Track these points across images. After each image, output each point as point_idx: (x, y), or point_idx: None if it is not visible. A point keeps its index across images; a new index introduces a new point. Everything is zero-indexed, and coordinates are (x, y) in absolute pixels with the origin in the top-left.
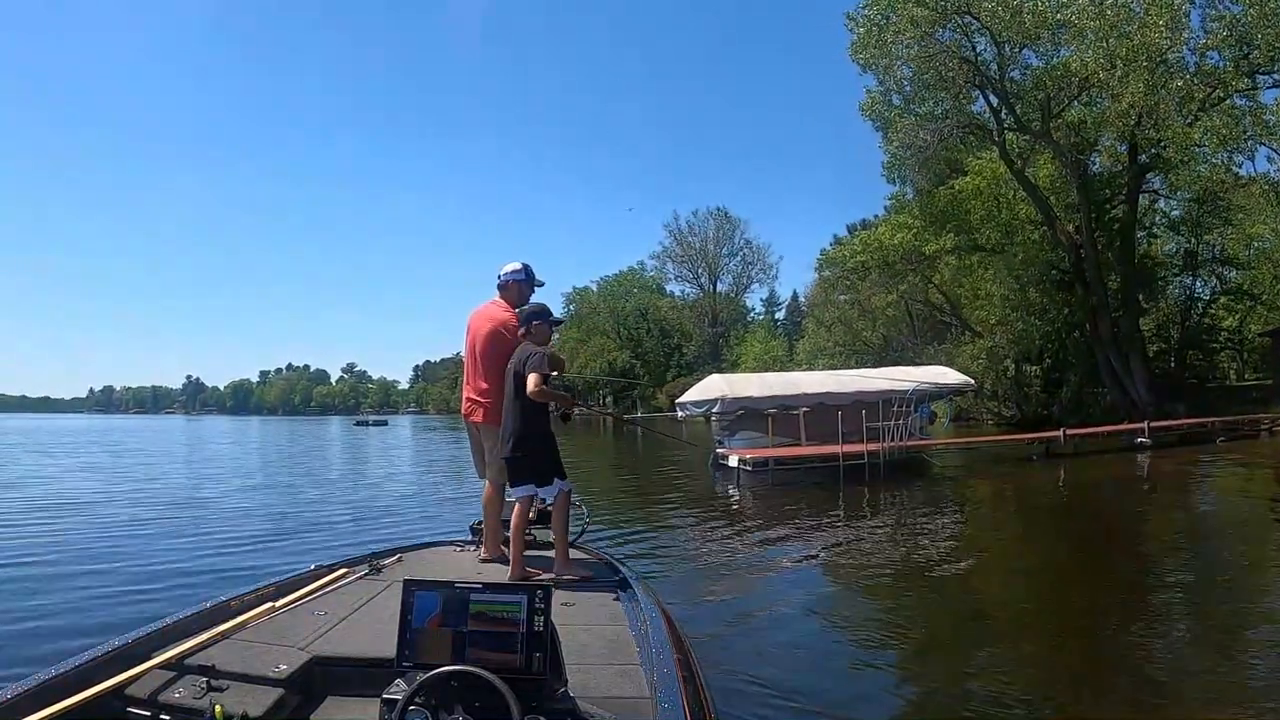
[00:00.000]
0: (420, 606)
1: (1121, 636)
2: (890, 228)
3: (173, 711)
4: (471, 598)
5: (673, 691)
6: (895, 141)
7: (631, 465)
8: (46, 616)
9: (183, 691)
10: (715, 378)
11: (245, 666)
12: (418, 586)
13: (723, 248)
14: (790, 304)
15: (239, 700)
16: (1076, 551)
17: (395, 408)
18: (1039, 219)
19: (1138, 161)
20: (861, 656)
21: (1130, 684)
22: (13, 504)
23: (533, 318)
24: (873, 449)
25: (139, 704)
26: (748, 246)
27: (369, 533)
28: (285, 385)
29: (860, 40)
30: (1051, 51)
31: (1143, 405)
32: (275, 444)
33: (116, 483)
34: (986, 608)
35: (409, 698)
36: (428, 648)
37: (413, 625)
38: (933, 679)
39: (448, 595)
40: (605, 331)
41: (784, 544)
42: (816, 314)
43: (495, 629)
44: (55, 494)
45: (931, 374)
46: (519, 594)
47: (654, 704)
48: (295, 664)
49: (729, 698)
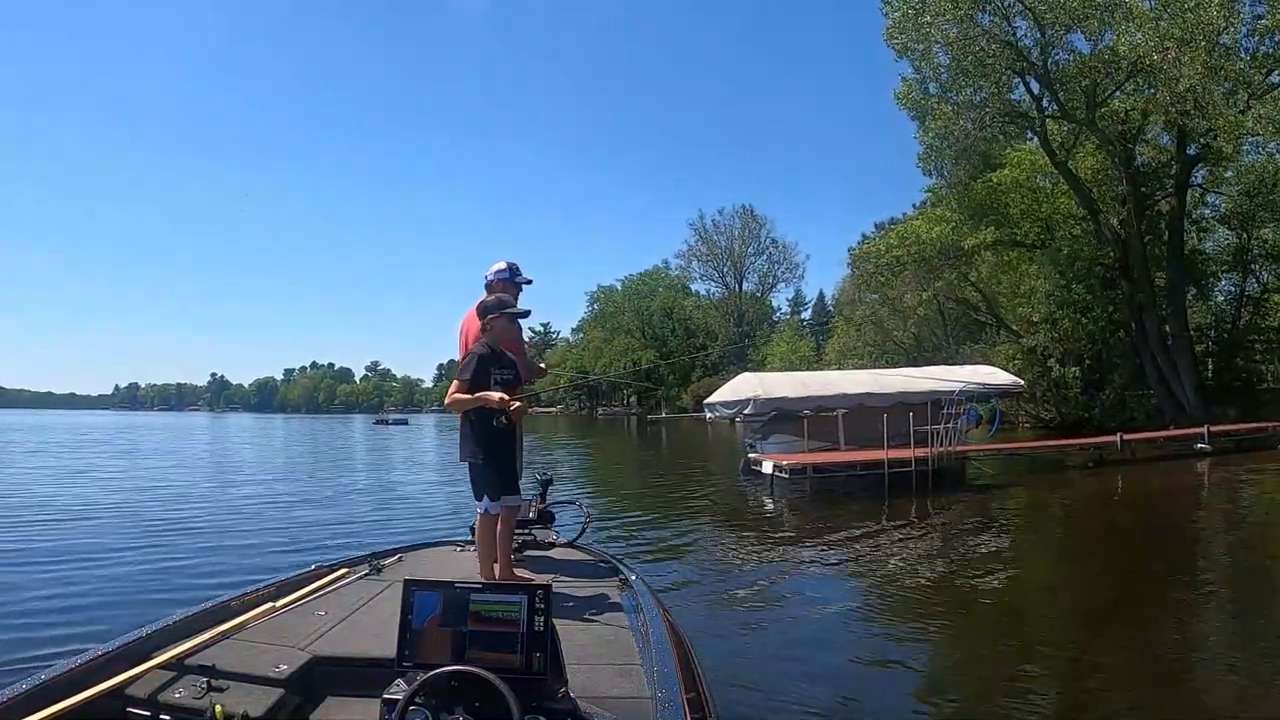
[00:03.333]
0: (421, 606)
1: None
2: (927, 221)
3: (173, 711)
4: (472, 598)
5: (673, 691)
6: (932, 131)
7: (655, 468)
8: (46, 617)
9: (183, 691)
10: (747, 376)
11: (245, 666)
12: (418, 586)
13: (749, 246)
14: (816, 304)
15: (239, 700)
16: (1142, 582)
17: (419, 406)
18: (1080, 213)
19: (1186, 152)
20: (876, 670)
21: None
22: (16, 504)
23: (489, 311)
24: (921, 455)
25: (139, 704)
26: (774, 245)
27: (369, 533)
28: (309, 383)
29: (897, 24)
30: (1098, 34)
31: (1190, 409)
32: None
33: (122, 482)
34: (1027, 641)
35: (409, 698)
36: (428, 648)
37: (413, 625)
38: (952, 698)
39: (448, 595)
40: (630, 331)
41: (819, 561)
42: (846, 313)
43: (495, 629)
44: (60, 493)
45: (979, 374)
46: (519, 594)
47: (654, 703)
48: (296, 664)
49: (730, 698)
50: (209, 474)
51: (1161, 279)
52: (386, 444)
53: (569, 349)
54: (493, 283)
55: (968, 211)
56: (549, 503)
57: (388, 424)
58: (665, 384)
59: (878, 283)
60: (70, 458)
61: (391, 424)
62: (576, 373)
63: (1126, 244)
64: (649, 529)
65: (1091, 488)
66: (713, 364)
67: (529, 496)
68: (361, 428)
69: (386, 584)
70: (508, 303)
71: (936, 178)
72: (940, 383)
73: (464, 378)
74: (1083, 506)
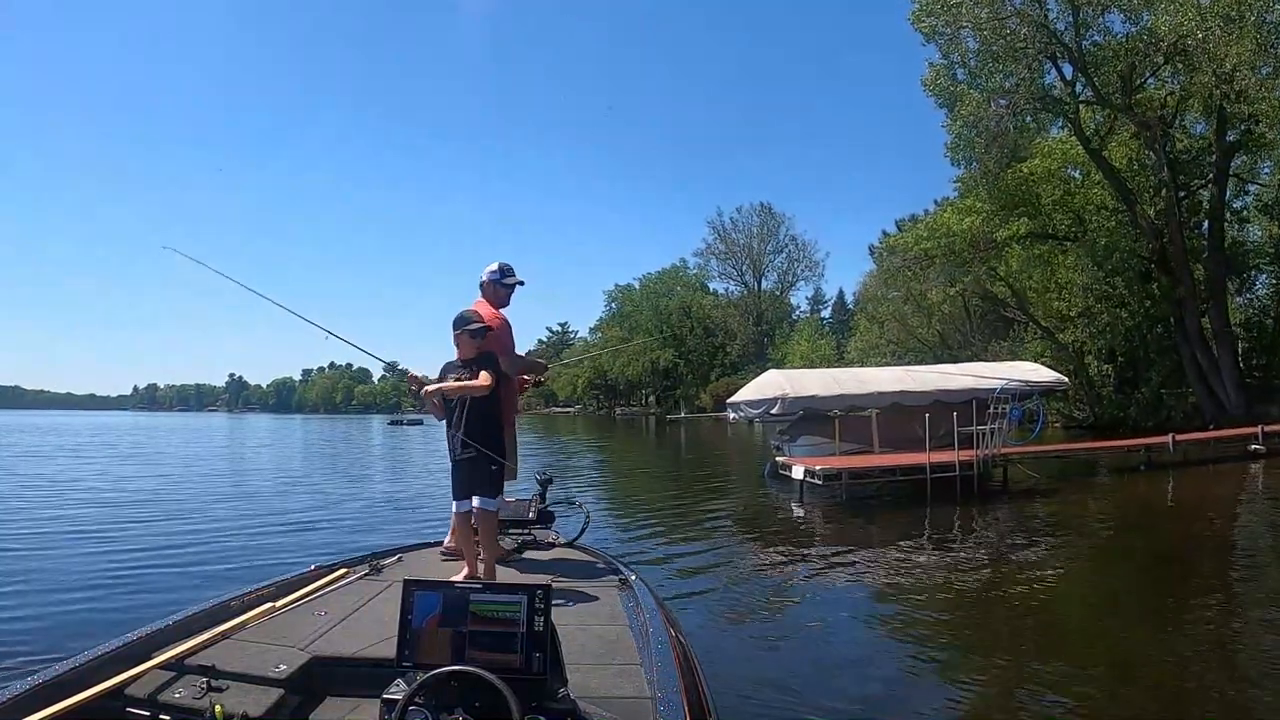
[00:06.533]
0: (420, 606)
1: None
2: (957, 212)
3: (172, 711)
4: (472, 598)
5: (673, 691)
6: (961, 119)
7: (674, 472)
8: (47, 617)
9: (183, 691)
10: (773, 374)
11: (245, 666)
12: (418, 586)
13: (767, 244)
14: (836, 302)
15: (239, 700)
16: (1204, 605)
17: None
18: (1113, 204)
19: (1225, 139)
20: (888, 679)
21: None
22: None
23: (454, 327)
24: (965, 458)
25: (139, 704)
26: (793, 243)
27: (370, 534)
28: (327, 384)
29: (924, 6)
30: (1137, 14)
31: (1231, 408)
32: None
33: (132, 480)
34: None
35: (409, 698)
36: (428, 648)
37: (413, 625)
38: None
39: (448, 595)
40: (648, 329)
41: (856, 580)
42: (869, 309)
43: (495, 629)
44: (70, 491)
45: (1021, 370)
46: (519, 594)
47: (654, 704)
48: (295, 664)
49: (731, 698)
50: (220, 473)
51: (1200, 272)
52: (400, 444)
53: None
54: (484, 284)
55: (998, 202)
56: (548, 503)
57: (402, 424)
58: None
59: (904, 277)
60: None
61: (406, 424)
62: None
63: (1164, 235)
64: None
65: (1146, 494)
66: (732, 363)
67: (529, 497)
68: (378, 428)
69: (386, 584)
70: (469, 318)
71: (965, 168)
72: (979, 380)
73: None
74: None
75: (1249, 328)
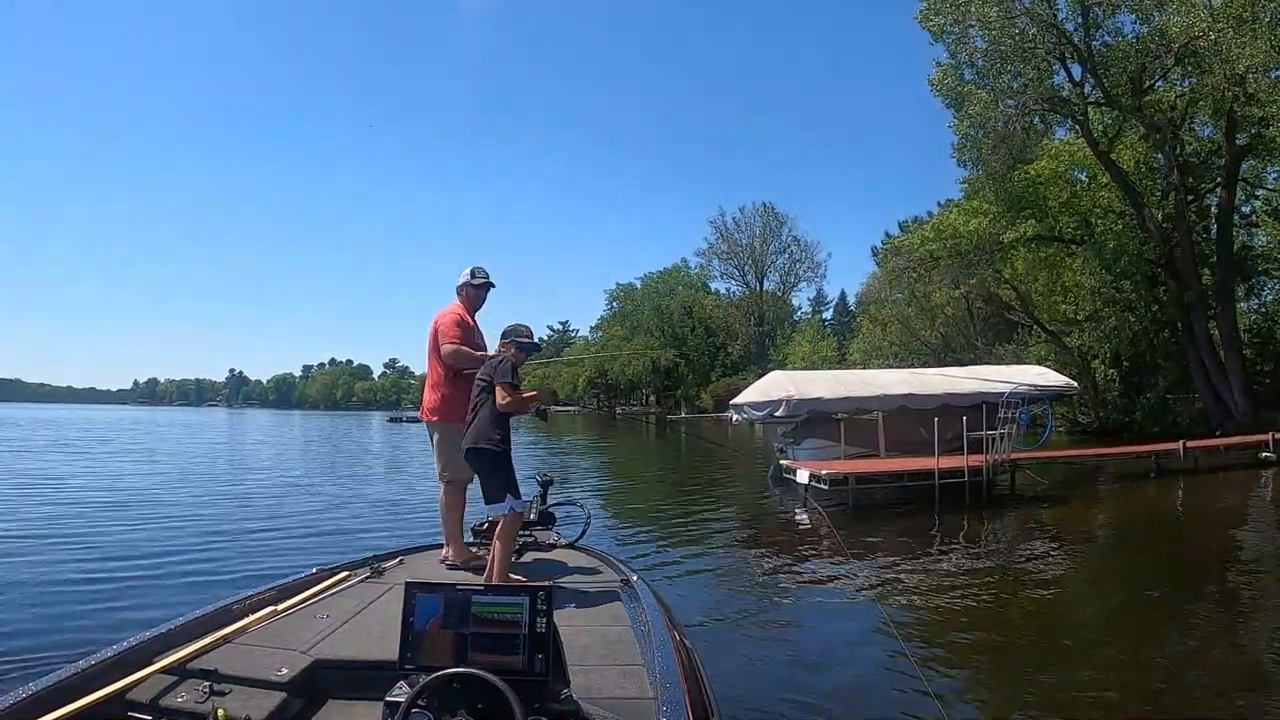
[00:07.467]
0: (422, 609)
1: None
2: (964, 213)
3: (175, 716)
4: (474, 600)
5: (675, 692)
6: (968, 119)
7: (675, 474)
8: (46, 619)
9: (185, 696)
10: (778, 375)
11: (247, 670)
12: (420, 589)
13: (769, 244)
14: (838, 304)
15: (241, 704)
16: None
17: None
18: (1120, 207)
19: (1235, 142)
20: (892, 684)
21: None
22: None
23: (502, 337)
24: (975, 464)
25: (141, 709)
26: (795, 243)
27: (370, 535)
28: (327, 380)
29: (932, 4)
30: (1149, 14)
31: (1238, 414)
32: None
33: (128, 480)
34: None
35: (412, 700)
36: (430, 650)
37: (415, 628)
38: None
39: (450, 597)
40: (649, 329)
41: (866, 588)
42: (871, 311)
43: (497, 631)
44: (64, 490)
45: (1029, 374)
46: (521, 595)
47: (656, 705)
48: (297, 667)
49: (734, 700)
50: (219, 471)
51: (1207, 277)
52: (399, 442)
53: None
54: (459, 287)
55: (1005, 204)
56: (549, 504)
57: (401, 421)
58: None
59: (909, 279)
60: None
61: (406, 421)
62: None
63: (1172, 239)
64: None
65: (1156, 501)
66: (733, 364)
67: (529, 497)
68: (378, 425)
69: (388, 587)
70: (522, 332)
71: (972, 168)
72: (986, 383)
73: (516, 382)
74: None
75: (1256, 333)
